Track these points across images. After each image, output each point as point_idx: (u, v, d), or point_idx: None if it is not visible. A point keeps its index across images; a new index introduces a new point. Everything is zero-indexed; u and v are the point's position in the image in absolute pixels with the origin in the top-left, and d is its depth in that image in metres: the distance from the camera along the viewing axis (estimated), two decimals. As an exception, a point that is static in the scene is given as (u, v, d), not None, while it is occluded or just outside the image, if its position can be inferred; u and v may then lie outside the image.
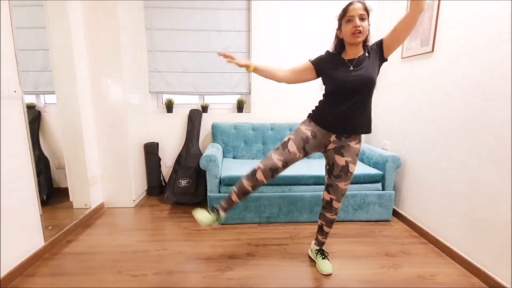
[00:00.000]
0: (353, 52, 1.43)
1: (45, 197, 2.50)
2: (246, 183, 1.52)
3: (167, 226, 2.32)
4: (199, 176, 2.75)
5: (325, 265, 1.71)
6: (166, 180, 3.10)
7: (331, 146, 1.53)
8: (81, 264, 1.78)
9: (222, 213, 1.58)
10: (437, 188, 2.01)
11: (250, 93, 3.04)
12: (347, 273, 1.71)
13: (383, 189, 2.37)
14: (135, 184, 2.69)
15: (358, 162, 2.63)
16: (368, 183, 2.35)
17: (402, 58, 2.38)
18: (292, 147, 1.48)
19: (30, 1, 2.33)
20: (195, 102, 3.16)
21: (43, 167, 2.62)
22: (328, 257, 1.78)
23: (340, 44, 1.47)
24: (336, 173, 1.55)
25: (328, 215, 1.68)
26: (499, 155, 1.55)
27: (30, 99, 2.67)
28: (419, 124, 2.20)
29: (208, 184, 2.27)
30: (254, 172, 1.50)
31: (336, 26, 1.44)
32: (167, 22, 2.87)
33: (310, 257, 1.87)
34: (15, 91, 1.62)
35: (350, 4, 1.36)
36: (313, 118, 1.53)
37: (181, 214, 2.52)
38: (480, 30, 1.67)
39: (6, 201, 1.57)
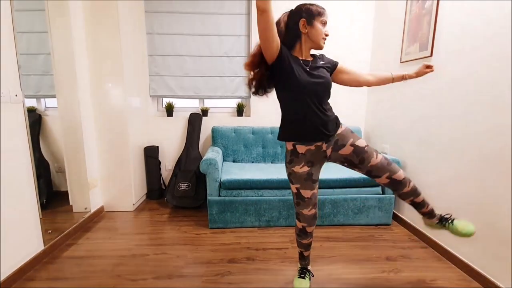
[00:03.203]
0: (306, 54, 1.36)
1: (45, 200, 2.50)
2: (306, 241, 1.57)
3: (166, 230, 2.32)
4: (199, 179, 2.75)
5: (462, 224, 1.41)
6: (166, 183, 3.10)
7: (329, 151, 1.40)
8: (80, 268, 1.77)
9: (309, 267, 1.67)
10: (436, 192, 2.01)
11: (250, 97, 3.05)
12: (347, 277, 1.71)
13: (383, 193, 2.37)
14: (135, 187, 2.69)
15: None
16: (368, 187, 2.35)
17: (401, 62, 2.39)
18: (306, 193, 1.43)
19: (32, 5, 2.35)
20: (195, 106, 3.18)
21: (43, 170, 2.62)
22: (452, 217, 1.46)
23: (294, 38, 1.33)
24: (357, 160, 1.37)
25: (406, 190, 1.39)
26: (499, 158, 1.56)
27: (31, 102, 2.68)
28: (418, 127, 2.20)
29: (208, 187, 2.27)
30: (304, 231, 1.53)
31: (304, 17, 1.30)
32: (167, 27, 2.89)
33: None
34: (16, 95, 1.63)
35: (323, 9, 1.33)
36: (291, 138, 1.40)
37: (181, 218, 2.52)
38: (479, 34, 1.68)
39: (6, 205, 1.57)
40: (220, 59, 2.98)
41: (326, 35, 1.33)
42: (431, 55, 2.03)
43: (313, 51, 1.41)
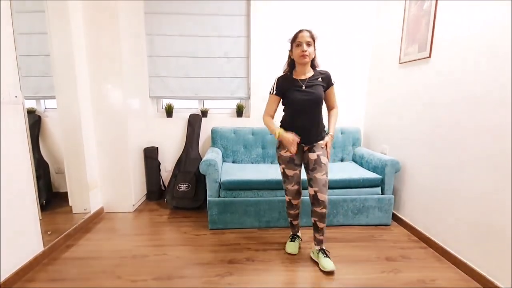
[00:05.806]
0: (303, 71, 1.75)
1: (44, 201, 2.50)
2: (293, 211, 1.97)
3: (166, 230, 2.32)
4: (199, 180, 2.75)
5: (326, 262, 1.77)
6: (166, 184, 3.10)
7: (305, 148, 1.83)
8: (80, 270, 1.77)
9: (299, 233, 2.09)
10: (436, 192, 2.02)
11: (249, 98, 3.06)
12: (347, 278, 1.71)
13: (382, 193, 2.37)
14: (134, 188, 2.69)
15: (358, 167, 2.64)
16: (368, 187, 2.35)
17: (400, 63, 2.40)
18: (289, 172, 1.85)
19: (32, 7, 2.36)
20: (194, 107, 3.18)
21: (42, 171, 2.62)
22: (329, 255, 1.82)
23: (292, 62, 1.77)
24: (311, 167, 1.78)
25: (317, 209, 1.79)
26: (498, 159, 1.56)
27: (31, 103, 2.69)
28: (417, 128, 2.21)
29: (207, 188, 2.27)
30: (290, 203, 1.93)
31: (290, 47, 1.73)
32: (167, 28, 2.90)
33: (313, 260, 1.89)
34: (16, 97, 1.63)
35: (299, 31, 1.67)
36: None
37: (180, 219, 2.52)
38: (477, 35, 1.69)
39: (5, 206, 1.57)
40: (219, 60, 2.98)
41: (302, 51, 1.65)
42: (430, 56, 2.04)
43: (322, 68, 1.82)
